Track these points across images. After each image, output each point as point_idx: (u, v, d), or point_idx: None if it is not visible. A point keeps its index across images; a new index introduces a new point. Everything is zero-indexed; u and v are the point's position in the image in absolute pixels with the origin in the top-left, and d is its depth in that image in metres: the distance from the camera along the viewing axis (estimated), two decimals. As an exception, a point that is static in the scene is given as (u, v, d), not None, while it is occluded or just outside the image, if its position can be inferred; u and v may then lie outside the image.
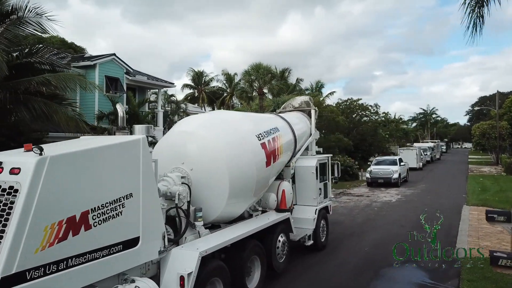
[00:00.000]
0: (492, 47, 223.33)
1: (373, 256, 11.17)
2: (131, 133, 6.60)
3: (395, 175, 26.78)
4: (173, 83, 29.55)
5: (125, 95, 25.49)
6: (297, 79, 50.54)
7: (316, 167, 11.30)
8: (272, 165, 8.88)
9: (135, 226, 5.58)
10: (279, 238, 8.96)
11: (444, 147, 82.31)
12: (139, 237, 5.62)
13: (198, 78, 60.78)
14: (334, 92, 52.04)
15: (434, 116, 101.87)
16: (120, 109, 6.87)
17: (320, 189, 11.46)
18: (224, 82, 56.09)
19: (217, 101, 57.20)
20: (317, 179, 11.30)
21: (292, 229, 9.55)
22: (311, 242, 10.68)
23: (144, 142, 5.84)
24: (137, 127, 6.46)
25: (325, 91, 57.70)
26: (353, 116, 42.75)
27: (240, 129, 8.30)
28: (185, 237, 6.97)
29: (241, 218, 8.89)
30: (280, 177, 10.99)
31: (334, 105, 45.26)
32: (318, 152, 13.28)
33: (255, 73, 31.07)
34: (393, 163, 28.11)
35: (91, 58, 24.84)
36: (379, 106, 43.62)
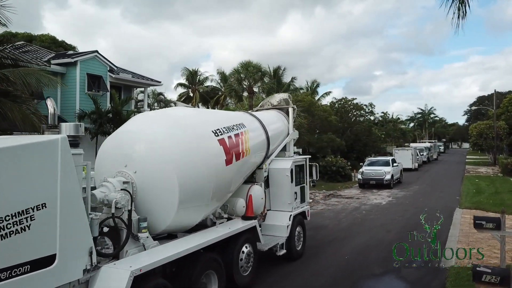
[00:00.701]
0: (492, 47, 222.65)
1: (353, 265, 10.36)
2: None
3: (388, 176, 25.96)
4: (160, 82, 28.76)
5: (108, 93, 24.69)
6: (291, 78, 49.74)
7: (291, 169, 10.47)
8: (235, 163, 8.02)
9: (49, 242, 4.75)
10: (243, 249, 8.13)
11: (442, 147, 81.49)
12: (55, 254, 4.79)
13: (192, 77, 59.87)
14: (330, 92, 51.02)
15: (432, 116, 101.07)
16: (51, 105, 6.05)
17: (295, 193, 10.63)
18: (219, 81, 55.23)
19: (211, 100, 56.34)
20: (292, 182, 10.48)
21: (260, 238, 8.72)
22: (283, 251, 9.85)
23: (64, 142, 5.00)
24: (64, 125, 5.64)
25: (324, 91, 56.77)
26: (348, 115, 42.00)
27: (192, 124, 7.46)
28: (126, 251, 6.15)
29: (203, 226, 8.09)
30: (252, 180, 10.22)
31: (329, 104, 44.54)
32: (297, 153, 12.48)
33: (244, 71, 30.23)
34: (386, 164, 27.29)
35: (72, 55, 24.02)
36: (374, 106, 42.87)
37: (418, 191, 25.03)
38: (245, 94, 33.04)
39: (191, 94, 59.55)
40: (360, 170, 27.28)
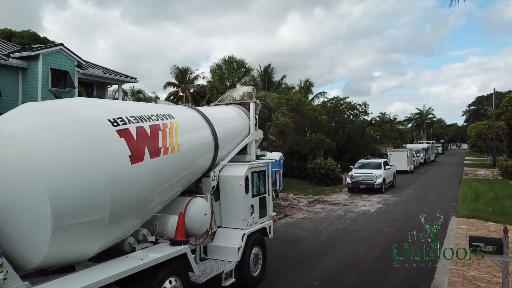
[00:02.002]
0: (491, 48, 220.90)
1: (322, 294, 8.45)
2: None
3: (379, 180, 24.02)
4: (136, 78, 26.79)
5: (76, 90, 22.75)
6: (282, 76, 47.83)
7: (246, 177, 8.54)
8: (149, 162, 5.96)
9: None
10: (166, 284, 6.18)
11: (440, 148, 79.58)
12: None
13: (182, 75, 57.91)
14: (324, 92, 48.96)
15: (430, 116, 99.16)
16: None
17: (252, 206, 8.70)
18: (211, 79, 53.13)
19: (202, 100, 54.30)
20: (247, 193, 8.54)
21: (193, 268, 6.76)
22: (232, 280, 7.89)
23: None
24: None
25: (324, 91, 54.71)
26: (340, 115, 40.01)
27: (80, 114, 5.49)
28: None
29: (121, 252, 6.18)
30: (198, 191, 8.30)
31: (321, 103, 42.63)
32: (261, 157, 10.55)
33: (227, 67, 28.31)
34: (377, 166, 25.35)
35: (34, 48, 22.07)
36: (368, 105, 40.87)
37: (411, 196, 23.10)
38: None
39: (181, 94, 57.67)
40: (349, 173, 25.33)
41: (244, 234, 8.29)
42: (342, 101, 38.77)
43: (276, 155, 24.62)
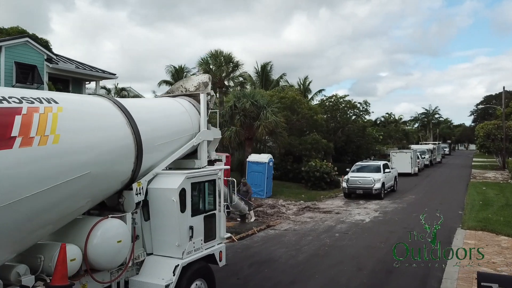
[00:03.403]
0: (499, 48, 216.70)
1: None
2: None
3: (377, 185, 21.85)
4: (115, 74, 24.84)
5: (45, 86, 20.87)
6: (281, 74, 45.78)
7: (183, 190, 6.51)
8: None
9: None
10: None
11: (447, 149, 76.95)
12: None
13: (178, 74, 56.02)
14: (323, 90, 46.66)
15: (436, 116, 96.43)
16: None
17: (191, 228, 6.64)
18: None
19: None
20: (183, 211, 6.51)
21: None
22: (152, 332, 5.87)
23: None
24: None
25: (330, 92, 52.49)
26: (339, 114, 37.76)
27: None
28: None
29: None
30: (119, 208, 6.30)
31: (319, 101, 40.51)
32: (217, 162, 8.54)
33: (213, 61, 26.27)
34: (376, 170, 23.17)
35: (-3, 40, 20.22)
36: (369, 104, 38.56)
37: (413, 203, 20.92)
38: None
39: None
40: (345, 177, 23.19)
41: (177, 266, 6.25)
42: (341, 100, 36.57)
43: (264, 157, 22.61)
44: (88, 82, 26.10)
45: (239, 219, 16.37)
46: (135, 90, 43.43)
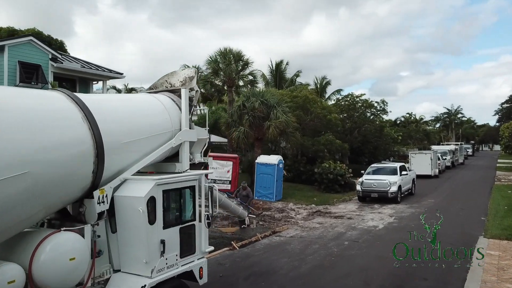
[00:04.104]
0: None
1: None
2: None
3: (393, 188, 20.64)
4: (122, 73, 24.33)
5: (49, 86, 20.46)
6: (296, 71, 44.69)
7: (152, 198, 5.66)
8: None
9: None
10: None
11: (470, 150, 74.32)
12: None
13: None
14: (341, 90, 45.23)
15: (459, 116, 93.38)
16: None
17: (162, 242, 5.78)
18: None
19: (212, 100, 51.67)
20: (152, 222, 5.67)
21: None
22: None
23: None
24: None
25: (348, 92, 51.07)
26: (356, 114, 36.42)
27: None
28: None
29: None
30: (80, 219, 5.52)
31: (334, 101, 39.30)
32: (202, 166, 7.69)
33: (222, 59, 25.41)
34: (392, 172, 21.93)
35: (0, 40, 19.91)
36: (387, 103, 37.06)
37: (431, 207, 19.62)
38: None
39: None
40: (360, 179, 22.03)
41: (144, 287, 5.40)
42: (357, 99, 35.25)
43: (274, 159, 21.68)
44: (95, 82, 25.70)
45: (246, 225, 15.52)
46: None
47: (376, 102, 36.86)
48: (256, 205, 19.97)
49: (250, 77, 27.38)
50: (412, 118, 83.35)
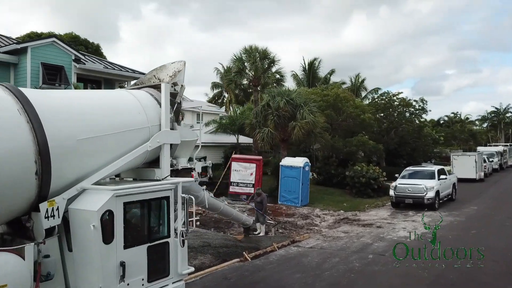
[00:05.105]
0: None
1: None
2: None
3: (430, 194, 18.90)
4: (145, 74, 23.85)
5: (72, 87, 20.32)
6: (330, 70, 43.14)
7: (109, 213, 4.76)
8: None
9: None
10: None
11: (522, 151, 69.40)
12: None
13: (227, 75, 55.06)
14: (378, 88, 43.00)
15: (508, 115, 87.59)
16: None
17: (122, 264, 4.86)
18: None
19: (247, 101, 50.85)
20: (109, 241, 4.77)
21: None
22: None
23: None
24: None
25: (390, 90, 48.91)
26: (397, 114, 34.34)
27: None
28: None
29: None
30: (28, 235, 4.72)
31: (370, 100, 37.44)
32: (197, 172, 6.76)
33: (248, 58, 24.44)
34: (430, 176, 20.16)
35: (22, 41, 19.94)
36: (426, 102, 34.73)
37: (473, 216, 17.80)
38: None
39: (226, 94, 54.82)
40: (393, 184, 20.41)
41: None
42: (394, 97, 33.27)
43: (299, 161, 20.50)
44: (122, 83, 25.52)
45: (257, 233, 14.57)
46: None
47: (415, 100, 34.72)
48: (279, 210, 18.90)
49: (277, 76, 26.32)
50: (457, 117, 79.17)
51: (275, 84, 25.69)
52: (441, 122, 78.59)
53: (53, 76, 19.92)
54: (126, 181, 6.04)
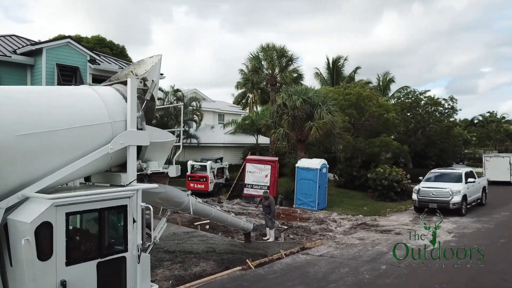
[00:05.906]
0: None
1: None
2: None
3: (456, 198, 17.63)
4: (162, 74, 23.67)
5: (86, 88, 20.26)
6: (355, 68, 41.87)
7: (45, 225, 4.18)
8: None
9: None
10: None
11: None
12: None
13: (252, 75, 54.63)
14: (407, 87, 41.14)
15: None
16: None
17: (63, 284, 4.26)
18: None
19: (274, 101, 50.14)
20: (47, 258, 4.19)
21: None
22: None
23: None
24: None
25: (422, 89, 47.22)
26: (425, 113, 32.75)
27: None
28: None
29: None
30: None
31: (395, 99, 35.94)
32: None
33: (264, 56, 23.67)
34: (456, 179, 18.85)
35: (38, 43, 19.98)
36: (456, 100, 32.91)
37: (504, 223, 16.45)
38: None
39: (250, 95, 54.36)
40: (416, 187, 19.21)
41: None
42: (421, 96, 31.71)
43: (316, 163, 19.63)
44: (140, 83, 25.30)
45: (266, 238, 13.89)
46: (201, 92, 42.71)
47: (444, 99, 32.99)
48: (293, 214, 18.12)
49: (295, 75, 25.49)
50: (493, 117, 75.65)
51: (293, 83, 24.91)
52: (475, 121, 75.30)
53: (68, 77, 19.93)
54: (85, 187, 5.47)
